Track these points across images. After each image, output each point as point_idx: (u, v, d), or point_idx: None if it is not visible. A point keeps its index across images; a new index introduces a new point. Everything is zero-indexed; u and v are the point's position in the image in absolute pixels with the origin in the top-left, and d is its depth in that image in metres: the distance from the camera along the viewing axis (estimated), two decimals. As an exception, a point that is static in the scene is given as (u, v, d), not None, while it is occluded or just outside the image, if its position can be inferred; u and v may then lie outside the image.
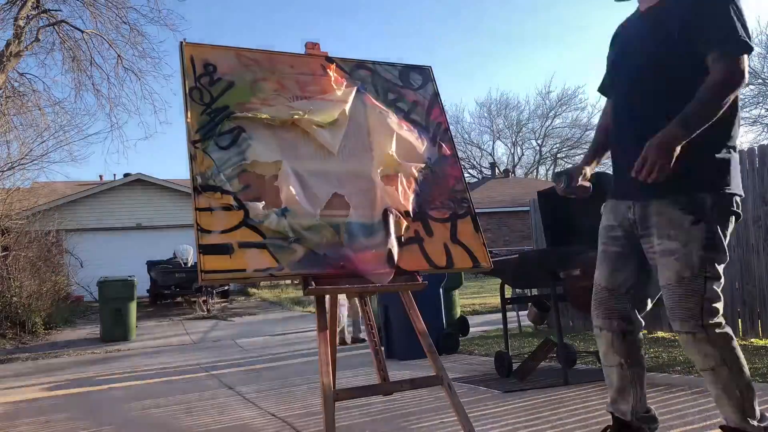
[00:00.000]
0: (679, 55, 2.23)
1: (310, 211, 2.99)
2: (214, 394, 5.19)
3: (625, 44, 2.49)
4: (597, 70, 53.93)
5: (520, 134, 41.16)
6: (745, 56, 2.15)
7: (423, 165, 3.39)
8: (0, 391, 6.42)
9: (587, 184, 2.56)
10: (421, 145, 3.44)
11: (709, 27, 2.16)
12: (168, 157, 50.63)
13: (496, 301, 9.94)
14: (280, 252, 2.88)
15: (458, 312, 8.41)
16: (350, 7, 55.20)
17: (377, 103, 3.44)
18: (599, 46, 55.67)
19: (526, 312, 5.31)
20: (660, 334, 6.75)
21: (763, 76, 23.89)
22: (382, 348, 6.40)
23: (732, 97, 2.15)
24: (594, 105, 59.35)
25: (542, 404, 3.73)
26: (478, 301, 13.06)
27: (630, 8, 2.59)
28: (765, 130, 24.92)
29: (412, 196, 3.26)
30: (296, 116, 3.17)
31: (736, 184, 2.23)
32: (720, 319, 2.19)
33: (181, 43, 3.19)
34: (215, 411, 4.43)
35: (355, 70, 3.54)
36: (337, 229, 3.02)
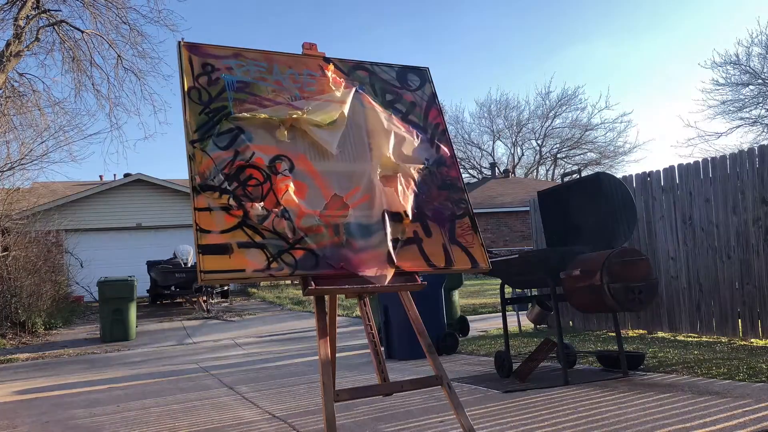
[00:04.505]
0: None
1: (309, 212, 2.99)
2: (213, 394, 5.18)
3: None
4: (598, 70, 53.91)
5: (520, 134, 41.17)
6: None
7: (421, 166, 3.39)
8: None
9: None
10: (419, 146, 3.44)
11: None
12: (168, 157, 50.60)
13: (496, 301, 9.91)
14: (279, 252, 2.88)
15: (458, 312, 8.41)
16: (350, 6, 55.18)
17: (376, 104, 3.44)
18: (600, 46, 55.68)
19: (526, 312, 5.31)
20: (660, 334, 6.75)
21: (763, 76, 23.86)
22: (382, 348, 6.40)
23: None
24: (594, 105, 59.40)
25: (542, 404, 3.72)
26: (478, 301, 13.05)
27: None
28: (765, 130, 24.89)
29: (410, 197, 3.26)
30: (295, 116, 3.17)
31: None
32: None
33: (179, 42, 3.19)
34: (215, 410, 4.43)
35: (353, 70, 3.54)
36: (336, 229, 3.02)
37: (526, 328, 8.35)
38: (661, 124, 53.62)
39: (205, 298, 15.23)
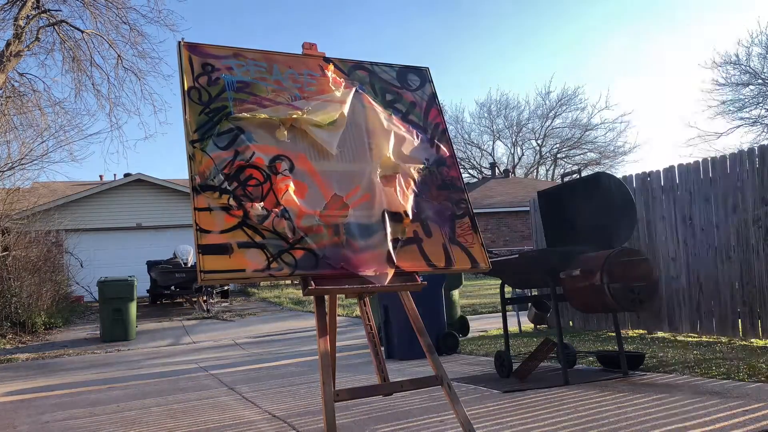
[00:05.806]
0: None
1: (309, 212, 2.99)
2: (213, 394, 5.19)
3: None
4: (597, 70, 53.92)
5: (520, 134, 41.19)
6: None
7: (421, 166, 3.40)
8: None
9: None
10: (419, 145, 3.44)
11: None
12: (168, 157, 50.60)
13: (496, 301, 9.90)
14: (279, 252, 2.88)
15: (458, 312, 8.41)
16: (350, 6, 55.18)
17: (375, 104, 3.44)
18: (599, 45, 55.70)
19: (526, 312, 5.31)
20: (660, 334, 6.75)
21: (763, 76, 23.88)
22: (382, 348, 6.41)
23: None
24: (594, 105, 59.39)
25: (542, 404, 3.72)
26: (478, 301, 13.05)
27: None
28: (765, 130, 24.91)
29: (410, 197, 3.26)
30: (295, 116, 3.17)
31: None
32: None
33: (179, 42, 3.19)
34: (215, 410, 4.43)
35: (353, 70, 3.54)
36: (336, 229, 3.02)
37: (526, 328, 8.35)
38: (661, 124, 53.65)
39: (205, 298, 15.23)
